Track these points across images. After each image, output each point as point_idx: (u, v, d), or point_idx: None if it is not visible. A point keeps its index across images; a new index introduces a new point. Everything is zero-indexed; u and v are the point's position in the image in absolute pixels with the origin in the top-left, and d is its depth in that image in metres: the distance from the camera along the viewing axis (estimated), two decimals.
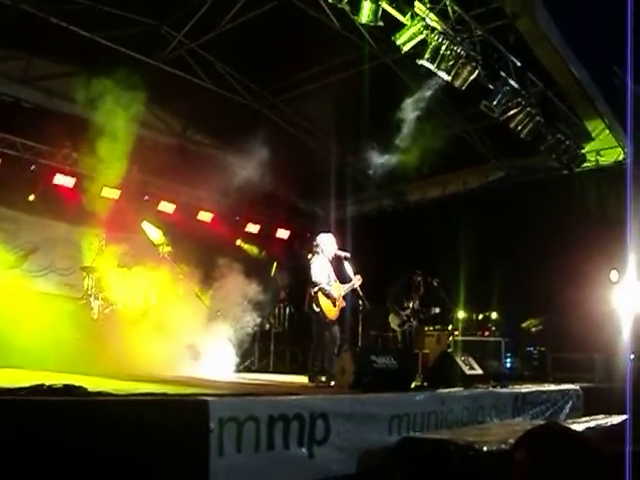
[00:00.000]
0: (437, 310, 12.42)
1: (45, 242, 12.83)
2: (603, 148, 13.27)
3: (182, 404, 4.62)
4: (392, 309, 12.07)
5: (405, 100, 11.97)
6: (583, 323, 12.10)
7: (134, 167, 13.70)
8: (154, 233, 14.63)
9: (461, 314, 14.19)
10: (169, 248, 13.15)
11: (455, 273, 12.90)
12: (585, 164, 13.11)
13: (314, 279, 8.95)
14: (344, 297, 9.30)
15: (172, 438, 4.08)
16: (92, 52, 11.61)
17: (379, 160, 14.25)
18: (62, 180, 13.18)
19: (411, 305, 12.05)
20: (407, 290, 12.15)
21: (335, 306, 9.05)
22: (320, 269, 9.09)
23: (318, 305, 8.90)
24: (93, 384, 4.93)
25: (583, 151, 12.90)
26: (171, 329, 12.78)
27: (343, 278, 9.43)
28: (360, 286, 9.34)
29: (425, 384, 8.17)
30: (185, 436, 4.23)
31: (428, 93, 11.60)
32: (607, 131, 12.81)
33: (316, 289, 8.91)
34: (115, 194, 13.78)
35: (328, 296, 8.97)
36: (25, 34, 11.25)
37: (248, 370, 12.32)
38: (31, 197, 13.07)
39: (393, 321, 12.10)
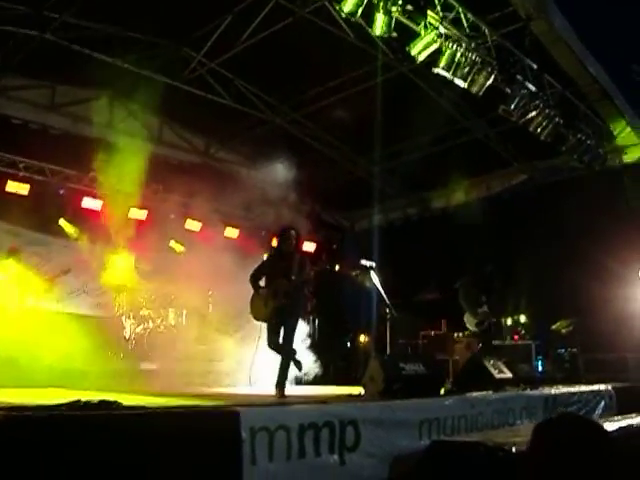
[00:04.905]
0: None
1: (76, 264, 13.06)
2: (626, 146, 13.23)
3: (214, 415, 4.72)
4: (466, 308, 10.51)
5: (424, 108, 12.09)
6: (613, 322, 12.02)
7: (160, 187, 13.96)
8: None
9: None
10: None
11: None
12: (608, 163, 13.03)
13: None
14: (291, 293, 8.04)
15: (206, 448, 4.18)
16: (114, 76, 11.87)
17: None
18: (90, 203, 13.39)
19: (486, 300, 10.45)
20: (479, 283, 10.63)
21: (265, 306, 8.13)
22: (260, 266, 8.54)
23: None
24: (127, 400, 5.05)
25: (605, 150, 12.83)
26: (204, 346, 12.99)
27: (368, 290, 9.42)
28: (387, 294, 9.32)
29: (455, 389, 8.18)
30: (218, 446, 4.32)
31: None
32: (629, 128, 12.78)
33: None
34: (142, 214, 14.01)
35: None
36: (49, 63, 11.57)
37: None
38: (61, 221, 13.32)
39: (469, 321, 10.55)
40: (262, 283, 8.26)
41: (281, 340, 8.01)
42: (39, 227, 13.05)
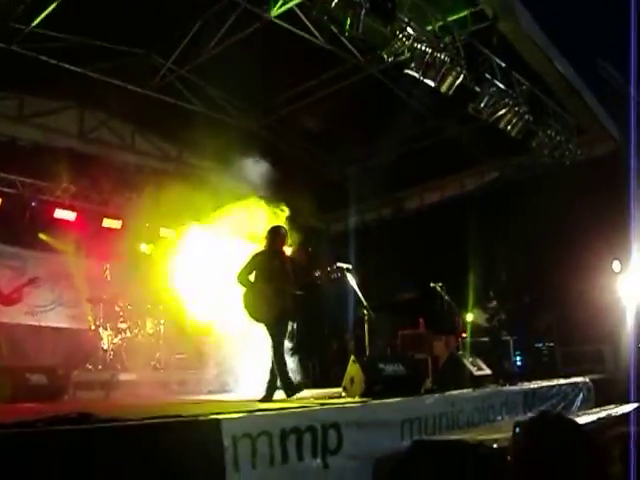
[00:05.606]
0: (527, 299, 11.49)
1: (51, 276, 12.92)
2: (594, 140, 13.38)
3: (196, 424, 4.68)
4: (475, 304, 10.96)
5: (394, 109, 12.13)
6: (589, 315, 12.14)
7: (133, 195, 13.85)
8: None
9: (470, 316, 14.15)
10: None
11: (460, 276, 12.93)
12: (578, 157, 13.11)
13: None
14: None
15: (188, 458, 4.16)
16: (83, 86, 11.78)
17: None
18: (63, 214, 13.28)
19: (494, 295, 10.84)
20: (487, 281, 11.11)
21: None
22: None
23: None
24: (107, 413, 5.01)
25: (575, 145, 12.93)
26: (183, 354, 12.92)
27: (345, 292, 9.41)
28: (364, 295, 9.30)
29: (435, 387, 8.22)
30: (201, 455, 4.31)
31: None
32: (597, 123, 12.92)
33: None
34: (116, 224, 13.91)
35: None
36: (17, 74, 11.43)
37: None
38: (42, 236, 13.17)
39: (480, 317, 10.93)
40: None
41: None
42: (12, 240, 12.90)
